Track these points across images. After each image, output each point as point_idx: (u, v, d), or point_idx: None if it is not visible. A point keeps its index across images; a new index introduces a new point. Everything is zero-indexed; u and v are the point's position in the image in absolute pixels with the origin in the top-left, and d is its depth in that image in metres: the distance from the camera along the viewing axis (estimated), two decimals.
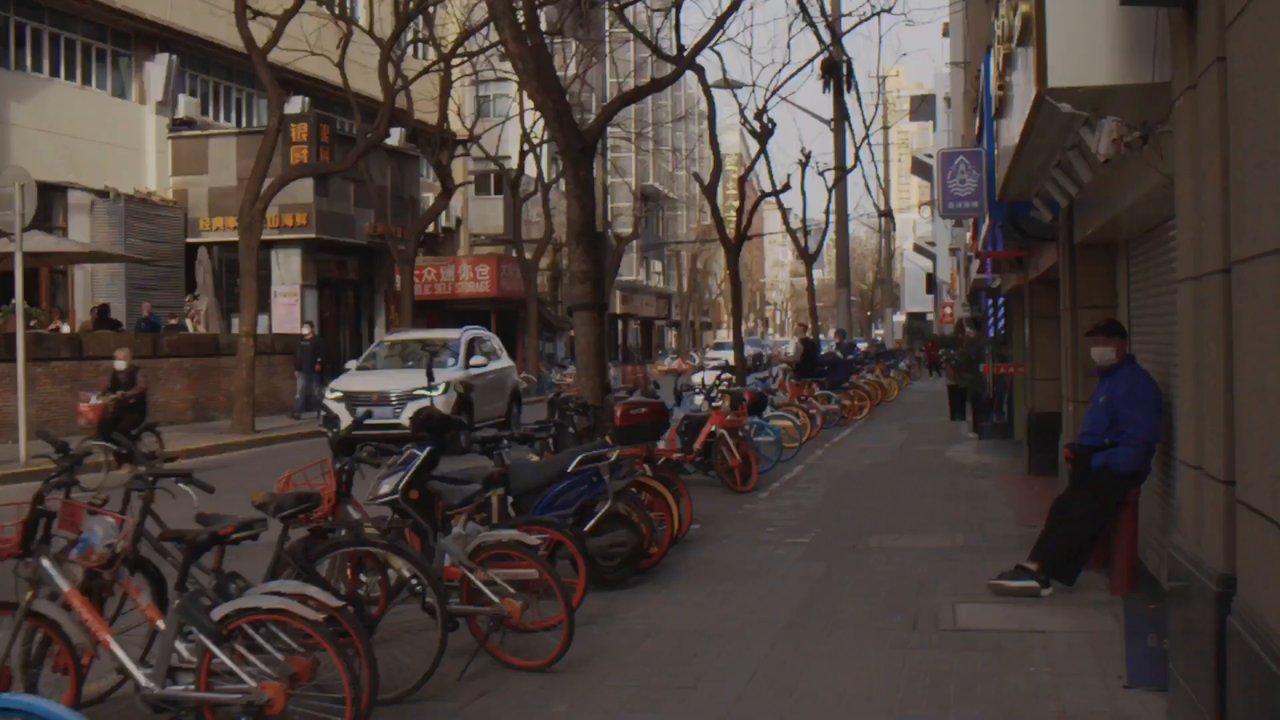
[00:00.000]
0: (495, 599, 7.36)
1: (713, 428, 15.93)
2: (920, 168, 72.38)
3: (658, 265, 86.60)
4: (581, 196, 14.08)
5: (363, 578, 7.88)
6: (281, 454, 23.94)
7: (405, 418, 19.62)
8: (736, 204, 26.88)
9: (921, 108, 72.69)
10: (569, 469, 9.53)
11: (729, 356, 69.80)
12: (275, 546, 6.94)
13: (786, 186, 27.18)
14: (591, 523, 9.52)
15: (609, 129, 58.84)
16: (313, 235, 36.52)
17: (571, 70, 47.81)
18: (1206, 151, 5.31)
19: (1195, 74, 5.47)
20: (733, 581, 10.20)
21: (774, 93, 27.58)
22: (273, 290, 37.21)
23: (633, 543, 9.60)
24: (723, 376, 18.61)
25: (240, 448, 25.01)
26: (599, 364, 14.03)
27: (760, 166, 33.08)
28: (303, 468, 8.23)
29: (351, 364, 25.86)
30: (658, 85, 17.43)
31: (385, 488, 9.12)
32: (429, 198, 49.87)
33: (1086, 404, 11.08)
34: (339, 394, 22.95)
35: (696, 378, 27.42)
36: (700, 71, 23.70)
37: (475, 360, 23.27)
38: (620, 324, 79.66)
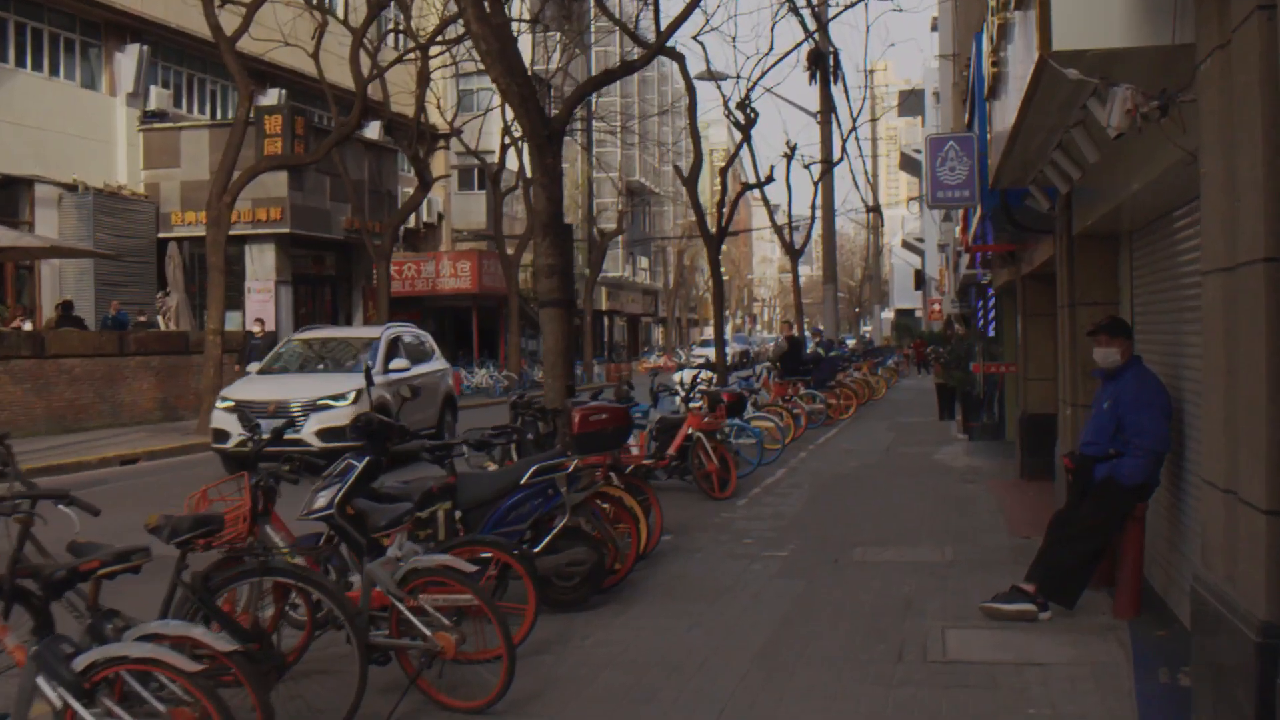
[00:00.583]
0: (427, 631, 6.53)
1: (689, 431, 15.11)
2: (909, 163, 71.68)
3: (644, 261, 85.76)
4: (548, 185, 13.23)
5: (296, 604, 7.08)
6: None
7: (309, 432, 17.84)
8: (731, 201, 25.89)
9: (910, 102, 72.13)
10: (522, 481, 8.70)
11: (711, 353, 69.44)
12: (171, 577, 6.10)
13: (770, 178, 26.33)
14: (546, 540, 8.70)
15: (594, 123, 58.34)
16: (287, 230, 35.63)
17: (554, 63, 47.08)
18: (1242, 120, 4.50)
19: (1227, 30, 4.66)
20: (703, 602, 9.37)
21: (756, 82, 26.68)
22: (246, 286, 36.37)
23: (592, 561, 8.77)
24: (700, 376, 17.74)
25: (205, 449, 24.14)
26: (565, 364, 13.18)
27: (744, 159, 32.17)
28: (218, 483, 7.39)
29: (253, 367, 21.99)
30: (630, 68, 16.59)
31: (320, 502, 8.30)
32: (409, 192, 48.98)
33: (1087, 409, 10.29)
34: (230, 403, 18.22)
35: (677, 376, 26.60)
36: (680, 60, 22.87)
37: (396, 364, 19.84)
38: (606, 321, 78.90)
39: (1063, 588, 8.35)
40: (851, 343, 69.81)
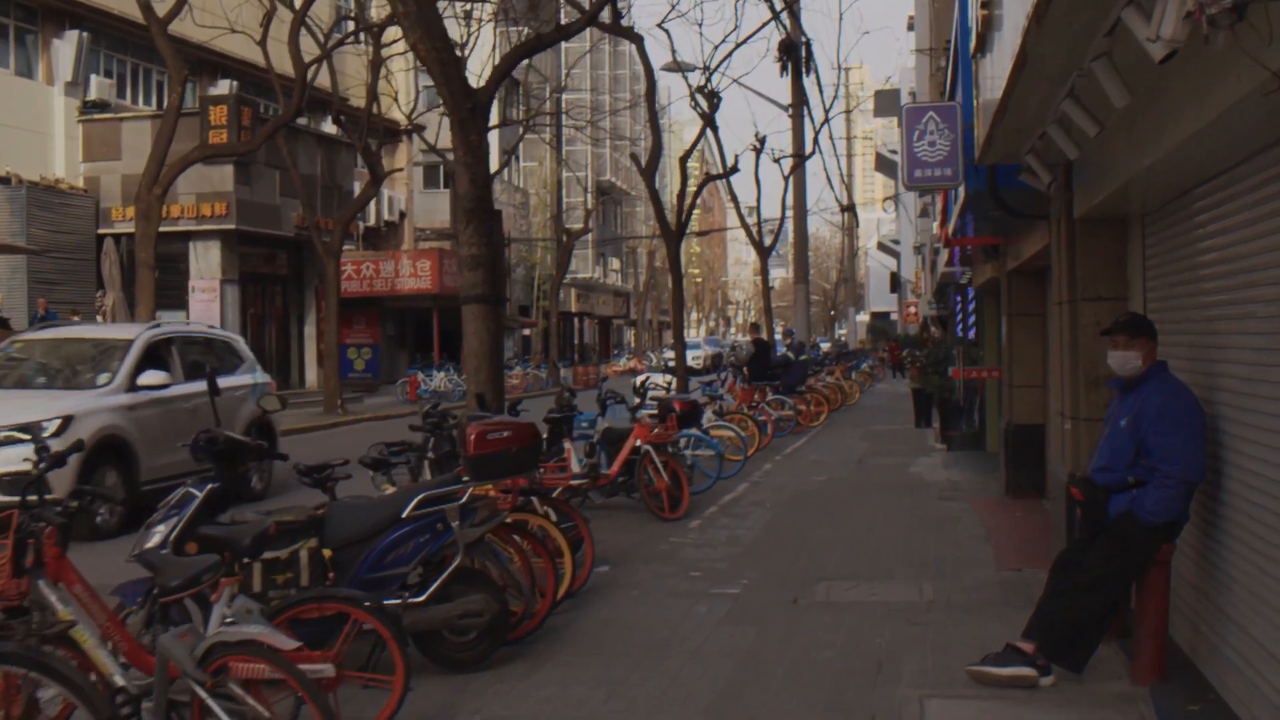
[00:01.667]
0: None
1: (637, 443, 13.49)
2: (884, 164, 70.24)
3: (615, 263, 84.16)
4: (472, 165, 11.60)
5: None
6: None
7: None
8: (693, 193, 24.20)
9: (885, 103, 70.73)
10: (404, 513, 7.06)
11: (688, 356, 67.86)
12: None
13: (735, 168, 24.73)
14: (434, 586, 7.06)
15: (563, 121, 56.69)
16: (232, 226, 33.89)
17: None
18: None
19: None
20: (631, 659, 7.74)
21: (722, 61, 25.07)
22: (190, 285, 34.62)
23: (492, 611, 7.13)
24: (650, 381, 16.16)
25: None
26: (492, 369, 11.55)
27: (714, 152, 30.58)
28: None
29: None
30: (564, 32, 14.92)
31: (153, 540, 6.73)
32: (383, 193, 47.37)
33: (1091, 423, 8.70)
34: None
35: (640, 380, 24.94)
36: (638, 40, 21.26)
37: (149, 378, 13.99)
38: (576, 323, 77.29)
39: (1069, 648, 6.74)
40: (825, 346, 68.38)
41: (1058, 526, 9.37)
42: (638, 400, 15.65)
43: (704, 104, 24.06)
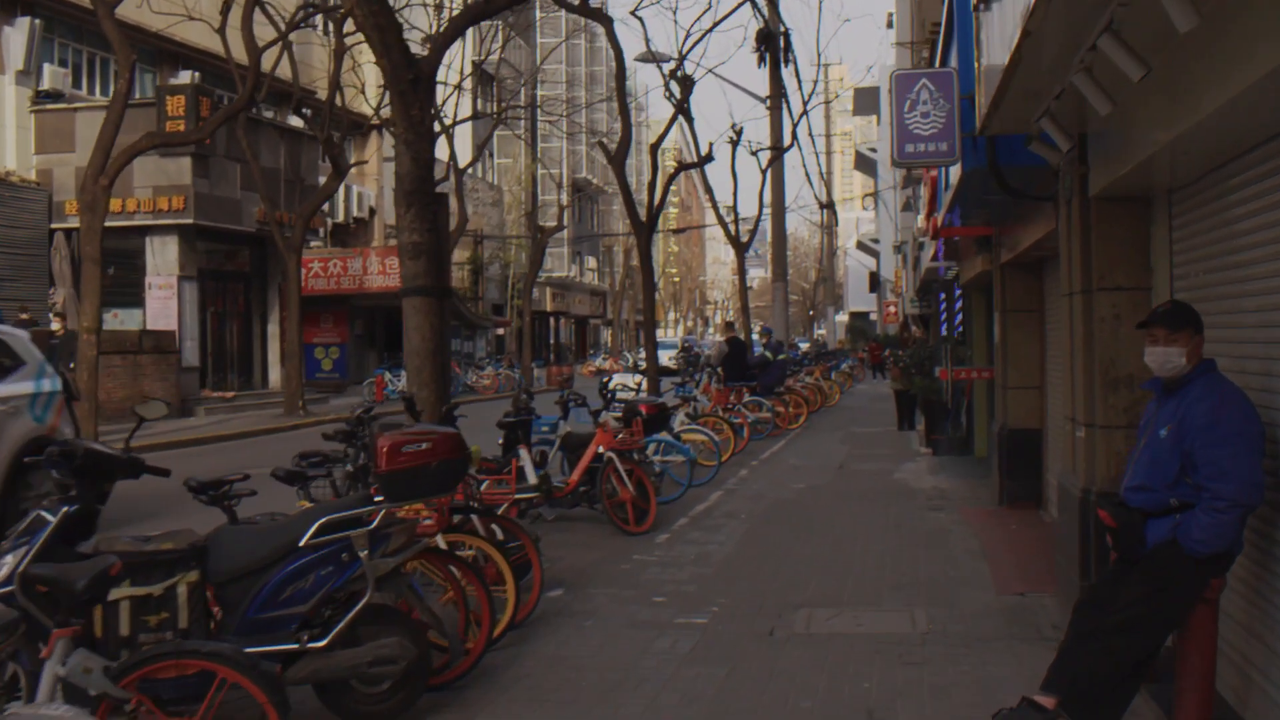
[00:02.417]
0: None
1: (599, 450, 12.35)
2: (864, 163, 69.23)
3: (592, 261, 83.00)
4: (413, 143, 10.45)
5: None
6: None
7: None
8: (664, 183, 23.01)
9: (865, 101, 69.74)
10: (302, 541, 5.91)
11: (664, 355, 66.65)
12: None
13: (709, 157, 23.57)
14: (339, 627, 5.90)
15: (539, 116, 55.46)
16: (191, 221, 32.56)
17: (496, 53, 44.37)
18: None
19: None
20: (578, 706, 6.59)
21: (697, 42, 23.87)
22: (146, 282, 33.33)
23: (409, 656, 5.96)
24: (610, 382, 15.03)
25: None
26: (435, 370, 10.41)
27: (688, 143, 29.43)
28: None
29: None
30: None
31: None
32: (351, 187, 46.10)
33: (1109, 431, 7.60)
34: None
35: (614, 380, 23.79)
36: (608, 23, 20.07)
37: None
38: (552, 322, 76.13)
39: (1096, 705, 5.61)
40: (805, 346, 67.40)
41: (1065, 546, 8.27)
42: (602, 403, 14.52)
43: (677, 91, 22.85)
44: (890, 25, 55.73)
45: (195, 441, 25.00)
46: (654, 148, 20.93)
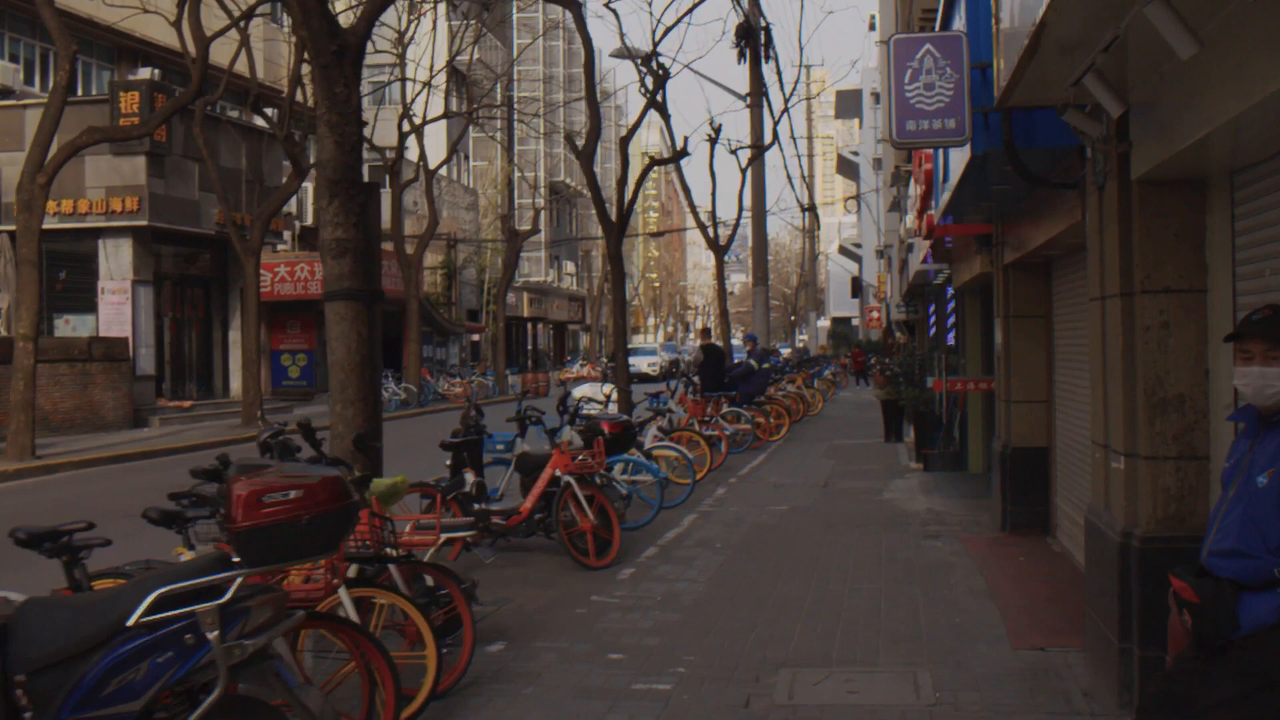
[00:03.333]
0: None
1: (555, 473, 10.98)
2: (846, 166, 68.13)
3: (570, 266, 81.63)
4: (338, 125, 9.09)
5: None
6: (65, 485, 19.20)
7: None
8: (635, 179, 21.59)
9: (847, 104, 68.61)
10: (131, 619, 4.51)
11: (643, 362, 65.31)
12: None
13: (685, 151, 22.19)
14: None
15: (514, 117, 54.10)
16: (145, 223, 31.09)
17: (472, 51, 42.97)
18: None
19: None
20: None
21: (671, 27, 22.49)
22: (99, 286, 31.85)
23: None
24: (575, 396, 13.65)
25: (9, 477, 19.90)
26: (363, 385, 9.01)
27: (659, 132, 28.04)
28: None
29: None
30: None
31: None
32: (306, 187, 44.59)
33: (1155, 462, 6.26)
34: None
35: (580, 390, 22.38)
36: (575, 7, 18.71)
37: None
38: (530, 328, 74.74)
39: None
40: (786, 352, 66.16)
41: (1099, 598, 6.93)
42: (560, 419, 13.12)
43: (650, 81, 21.47)
44: (873, 28, 54.70)
45: (143, 455, 23.59)
46: (624, 141, 19.55)
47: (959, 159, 9.40)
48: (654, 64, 20.84)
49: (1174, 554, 6.11)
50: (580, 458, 11.01)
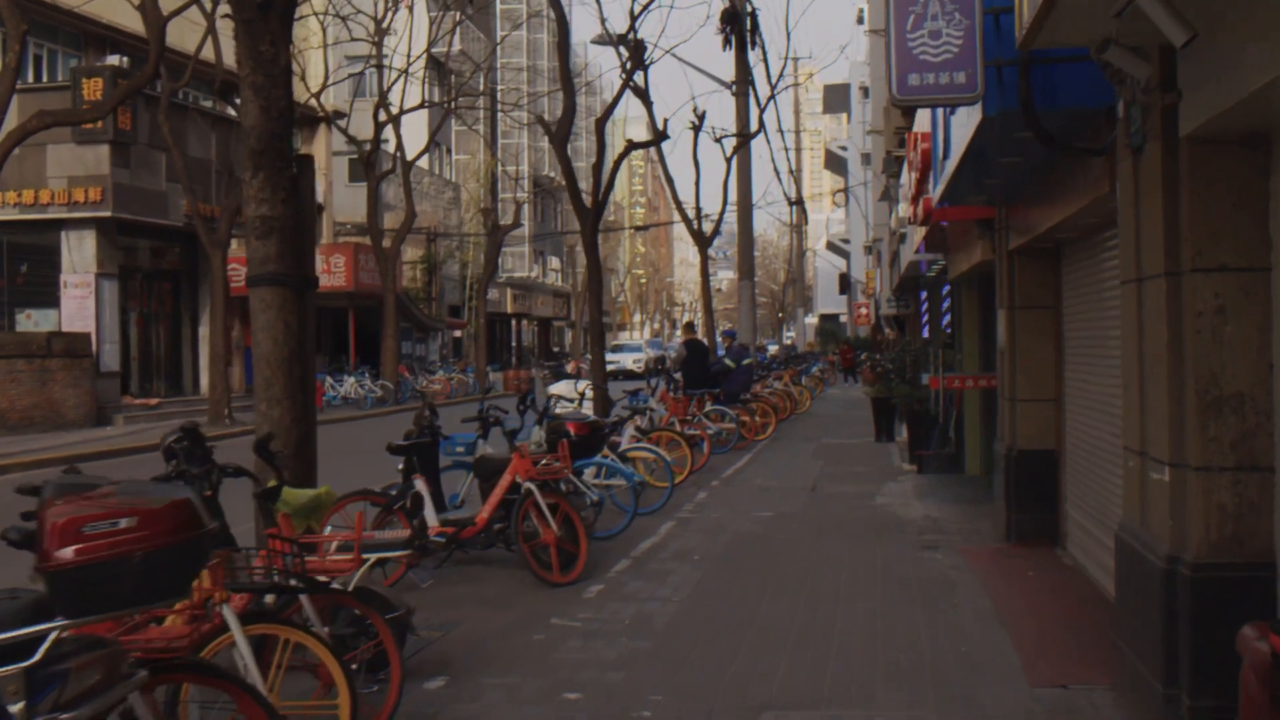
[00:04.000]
0: None
1: (514, 480, 9.91)
2: (834, 162, 67.07)
3: (555, 262, 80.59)
4: (263, 88, 8.03)
5: None
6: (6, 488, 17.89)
7: None
8: (613, 163, 20.45)
9: (835, 98, 67.66)
10: None
11: (628, 358, 64.28)
12: None
13: (664, 134, 21.12)
14: None
15: (497, 109, 52.96)
16: (109, 214, 29.96)
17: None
18: None
19: None
20: None
21: (650, 3, 21.42)
22: (61, 280, 30.71)
23: None
24: (533, 395, 12.60)
25: None
26: (292, 386, 7.95)
27: (647, 129, 26.99)
28: None
29: None
30: None
31: None
32: None
33: (1209, 472, 5.23)
34: None
35: (556, 388, 21.33)
36: None
37: None
38: (514, 324, 73.64)
39: None
40: (773, 349, 65.23)
41: (1135, 633, 5.92)
42: (524, 418, 12.06)
43: (630, 61, 20.36)
44: (861, 20, 53.70)
45: (102, 455, 22.46)
46: (600, 123, 18.48)
47: (964, 128, 8.36)
48: (631, 37, 19.69)
49: (1231, 584, 5.12)
50: (544, 462, 9.95)
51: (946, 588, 9.55)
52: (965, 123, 8.18)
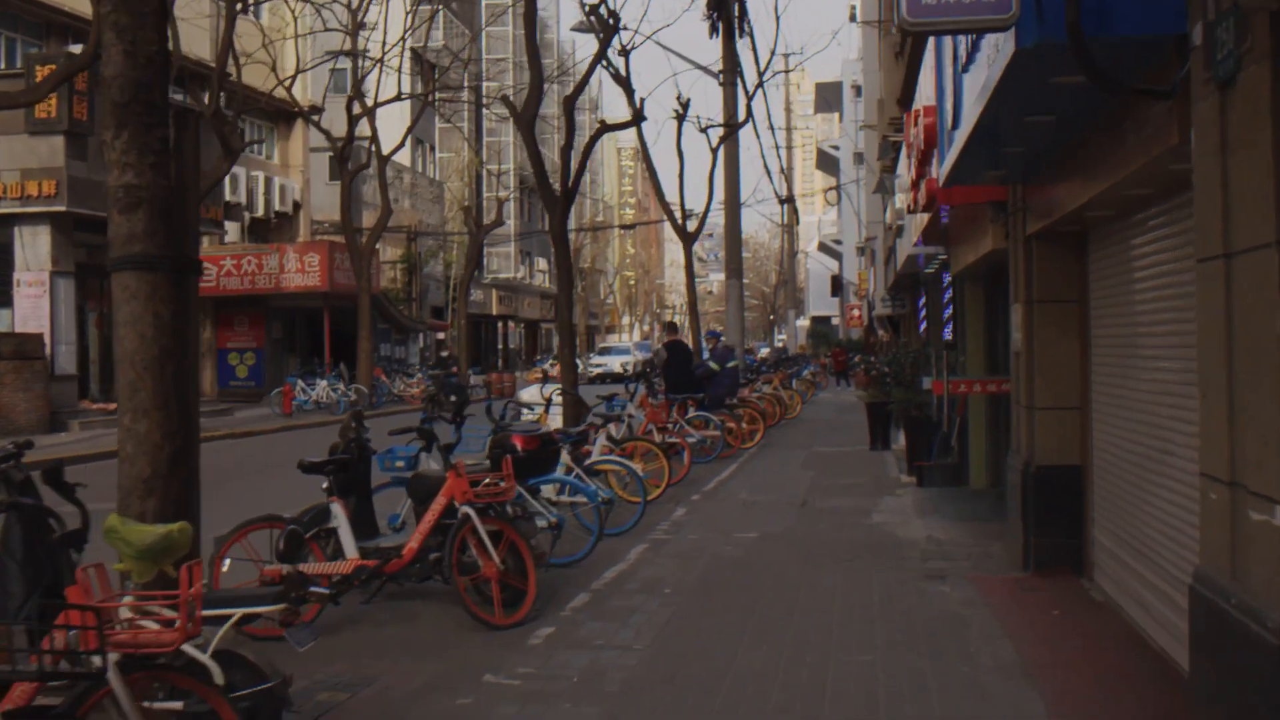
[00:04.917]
0: None
1: (449, 502, 8.42)
2: (826, 161, 65.66)
3: (542, 263, 79.11)
4: (127, 29, 6.54)
5: None
6: None
7: None
8: (583, 147, 19.00)
9: (827, 97, 66.40)
10: None
11: (616, 361, 62.66)
12: None
13: (642, 116, 19.66)
14: None
15: (482, 104, 51.39)
16: (64, 209, 28.47)
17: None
18: None
19: None
20: None
21: None
22: (14, 278, 29.19)
23: None
24: (435, 411, 11.10)
25: None
26: (162, 390, 6.48)
27: (614, 100, 25.50)
28: None
29: None
30: None
31: None
32: (258, 175, 41.94)
33: None
34: None
35: (526, 394, 19.85)
36: None
37: None
38: (500, 326, 72.19)
39: None
40: (764, 352, 63.78)
41: (1216, 705, 4.47)
42: (457, 431, 10.54)
43: (599, 27, 18.81)
44: (853, 19, 52.32)
45: (39, 464, 20.91)
46: (569, 100, 16.97)
47: (982, 82, 6.89)
48: (604, 7, 18.15)
49: None
50: (485, 481, 8.45)
51: (958, 629, 8.07)
52: (984, 73, 6.71)
